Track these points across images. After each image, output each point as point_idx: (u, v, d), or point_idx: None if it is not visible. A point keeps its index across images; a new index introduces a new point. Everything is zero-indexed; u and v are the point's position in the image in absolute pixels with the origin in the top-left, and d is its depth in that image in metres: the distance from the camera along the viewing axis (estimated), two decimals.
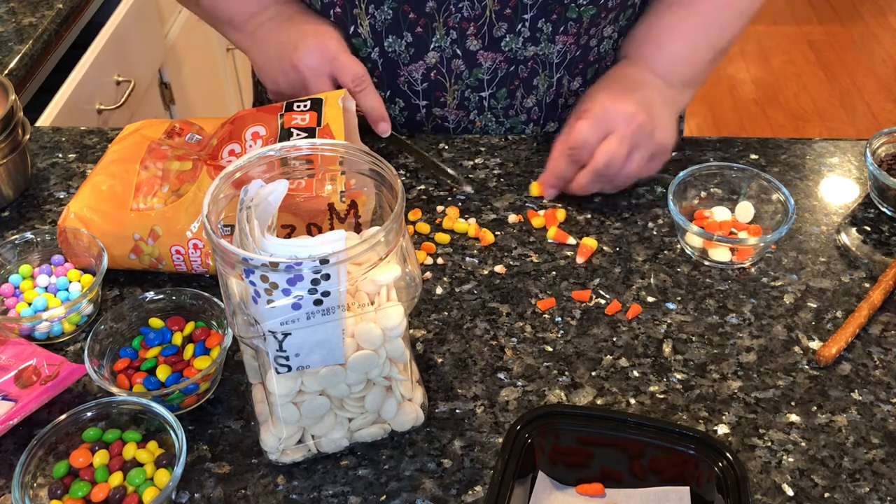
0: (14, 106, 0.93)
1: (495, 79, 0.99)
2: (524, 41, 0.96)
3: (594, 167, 0.89)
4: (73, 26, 1.48)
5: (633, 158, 0.89)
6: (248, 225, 0.61)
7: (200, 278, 0.87)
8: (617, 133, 0.88)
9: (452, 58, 0.97)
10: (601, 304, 0.84)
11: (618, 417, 0.69)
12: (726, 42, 0.98)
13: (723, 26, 0.97)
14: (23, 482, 0.66)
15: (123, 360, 0.75)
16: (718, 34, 0.97)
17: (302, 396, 0.66)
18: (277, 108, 0.85)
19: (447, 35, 0.95)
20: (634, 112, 0.88)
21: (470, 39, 0.95)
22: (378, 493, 0.69)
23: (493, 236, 0.90)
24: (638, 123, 0.88)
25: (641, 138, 0.89)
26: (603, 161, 0.88)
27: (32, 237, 0.87)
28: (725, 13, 0.97)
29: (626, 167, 0.89)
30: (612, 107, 0.89)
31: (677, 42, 0.96)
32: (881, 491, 0.69)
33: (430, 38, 0.95)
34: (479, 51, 0.96)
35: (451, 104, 1.01)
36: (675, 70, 0.96)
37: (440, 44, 0.95)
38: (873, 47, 3.28)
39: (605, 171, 0.89)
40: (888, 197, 0.92)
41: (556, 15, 0.95)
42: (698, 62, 0.98)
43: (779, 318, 0.82)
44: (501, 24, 0.94)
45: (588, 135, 0.89)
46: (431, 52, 0.96)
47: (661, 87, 0.94)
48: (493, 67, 0.98)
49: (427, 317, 0.83)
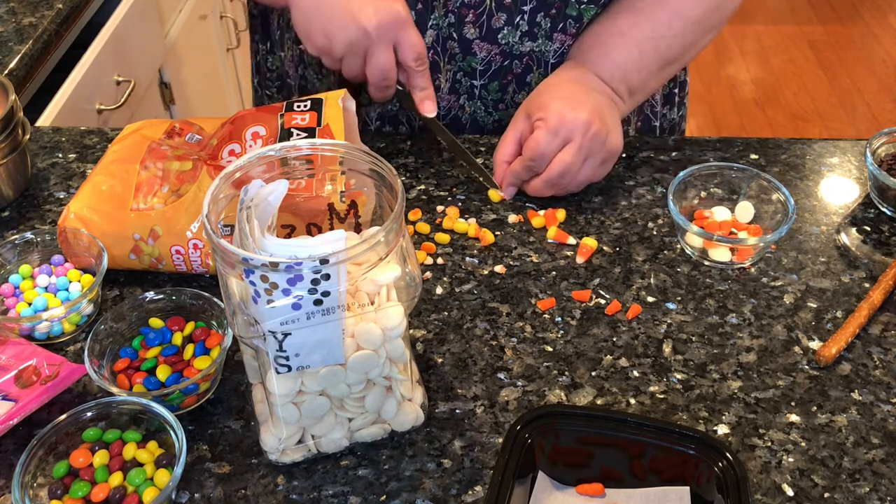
0: (14, 106, 0.93)
1: (489, 70, 0.99)
2: (521, 35, 0.96)
3: (549, 177, 0.91)
4: (73, 26, 1.48)
5: (587, 166, 0.91)
6: (248, 225, 0.61)
7: (200, 278, 0.87)
8: (573, 143, 0.89)
9: (448, 38, 0.96)
10: (601, 304, 0.84)
11: (618, 417, 0.69)
12: (678, 53, 0.96)
13: (675, 35, 0.95)
14: (23, 482, 0.66)
15: (123, 360, 0.75)
16: (669, 44, 0.95)
17: (302, 396, 0.66)
18: (277, 108, 0.85)
19: (445, 17, 0.95)
20: (590, 120, 0.88)
21: (467, 27, 0.95)
22: (378, 493, 0.69)
23: (493, 236, 0.90)
24: (594, 132, 0.88)
25: (596, 146, 0.89)
26: (558, 171, 0.90)
27: (32, 237, 0.87)
28: (679, 22, 0.94)
29: (580, 175, 0.91)
30: (568, 116, 0.88)
31: (625, 49, 0.94)
32: (881, 491, 0.69)
33: (428, 16, 0.95)
34: (476, 40, 0.96)
35: (444, 87, 1.01)
36: (621, 77, 0.95)
37: (438, 22, 0.95)
38: (873, 47, 3.28)
39: (558, 182, 0.91)
40: (888, 197, 0.92)
41: (556, 10, 0.94)
42: (644, 71, 0.96)
43: (779, 318, 0.82)
44: (501, 14, 0.94)
45: (545, 147, 0.89)
46: (429, 31, 0.96)
47: (607, 91, 0.94)
48: (488, 59, 0.98)
49: (427, 317, 0.83)
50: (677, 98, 1.16)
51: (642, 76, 0.96)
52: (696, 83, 3.10)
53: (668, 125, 1.16)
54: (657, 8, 0.95)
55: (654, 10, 0.95)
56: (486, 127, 1.05)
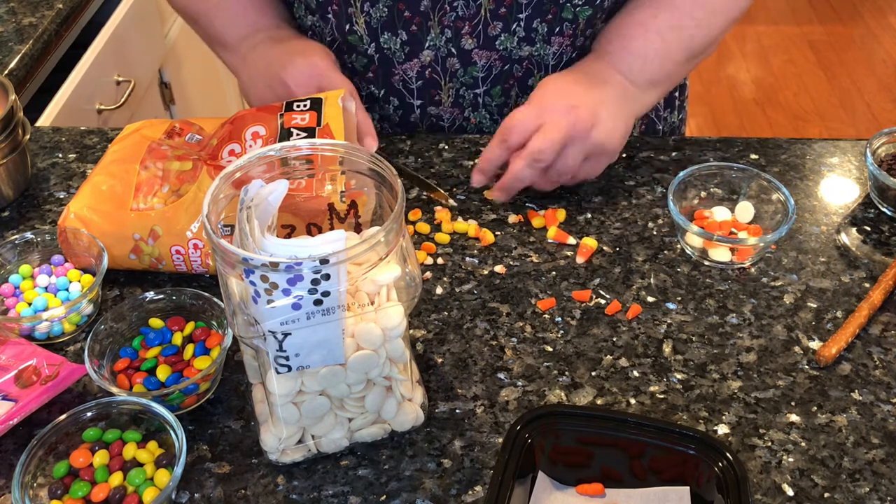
0: (14, 106, 0.93)
1: (490, 76, 0.99)
2: (519, 41, 0.96)
3: (527, 151, 0.88)
4: (73, 26, 1.48)
5: (568, 153, 0.88)
6: (248, 225, 0.61)
7: (200, 278, 0.87)
8: (551, 122, 0.87)
9: (447, 56, 0.97)
10: (601, 304, 0.84)
11: (618, 417, 0.69)
12: (702, 42, 0.95)
13: (699, 24, 0.93)
14: (23, 482, 0.66)
15: (123, 360, 0.75)
16: (693, 33, 0.93)
17: (302, 396, 0.66)
18: (277, 108, 0.85)
19: (442, 34, 0.95)
20: (573, 105, 0.87)
21: (465, 38, 0.95)
22: (378, 493, 0.69)
23: (493, 236, 0.90)
24: (575, 117, 0.87)
25: (577, 133, 0.87)
26: (536, 146, 0.87)
27: (32, 237, 0.87)
28: (702, 11, 0.93)
29: (561, 161, 0.88)
30: (551, 99, 0.88)
31: (647, 39, 0.93)
32: (881, 491, 0.69)
33: (424, 37, 0.95)
34: (474, 49, 0.96)
35: (446, 102, 1.01)
36: (641, 68, 0.93)
37: (435, 42, 0.95)
38: (873, 47, 3.28)
39: (538, 158, 0.88)
40: (888, 197, 0.92)
41: (552, 15, 0.94)
42: (668, 61, 0.94)
43: (779, 318, 0.82)
44: (496, 23, 0.94)
45: (522, 119, 0.88)
46: (426, 51, 0.96)
47: (623, 84, 0.93)
48: (488, 65, 0.98)
49: (427, 317, 0.83)
50: (677, 101, 1.15)
51: (666, 66, 0.94)
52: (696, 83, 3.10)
53: (668, 129, 1.15)
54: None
55: (675, 1, 0.93)
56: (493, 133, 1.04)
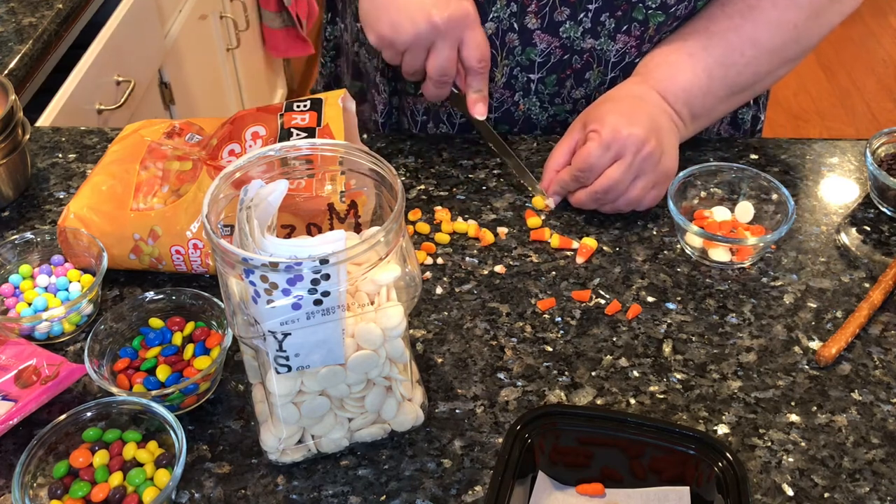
0: (14, 106, 0.93)
1: (547, 63, 0.97)
2: (584, 32, 0.94)
3: (594, 190, 0.88)
4: (73, 26, 1.48)
5: (637, 185, 0.88)
6: (248, 225, 0.61)
7: (200, 278, 0.87)
8: (624, 160, 0.86)
9: (508, 30, 0.95)
10: (601, 304, 0.84)
11: (618, 417, 0.69)
12: (749, 81, 0.93)
13: (748, 63, 0.92)
14: (23, 482, 0.66)
15: (123, 360, 0.75)
16: (740, 71, 0.92)
17: (302, 396, 0.66)
18: (277, 108, 0.85)
19: (507, 6, 0.93)
20: (645, 138, 0.86)
21: (529, 17, 0.93)
22: (378, 493, 0.69)
23: (493, 236, 0.90)
24: (647, 152, 0.86)
25: (648, 165, 0.87)
26: (604, 186, 0.88)
27: (32, 237, 0.87)
28: (753, 50, 0.91)
29: (628, 193, 0.89)
30: (623, 131, 0.86)
31: (692, 72, 0.92)
32: (881, 491, 0.69)
33: (489, 7, 0.93)
34: (537, 30, 0.94)
35: (499, 81, 0.99)
36: (684, 100, 0.92)
37: (499, 14, 0.94)
38: (873, 47, 3.28)
39: (604, 196, 0.89)
40: (888, 197, 0.92)
41: (622, 12, 0.92)
42: (710, 97, 0.93)
43: (779, 318, 0.82)
44: (564, 8, 0.92)
45: (596, 160, 0.87)
46: (489, 23, 0.94)
47: (669, 112, 0.92)
48: (548, 51, 0.96)
49: (427, 317, 0.83)
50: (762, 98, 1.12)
51: (707, 101, 0.93)
52: None
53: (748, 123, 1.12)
54: (732, 34, 0.91)
55: (728, 35, 0.92)
56: (540, 123, 1.03)
